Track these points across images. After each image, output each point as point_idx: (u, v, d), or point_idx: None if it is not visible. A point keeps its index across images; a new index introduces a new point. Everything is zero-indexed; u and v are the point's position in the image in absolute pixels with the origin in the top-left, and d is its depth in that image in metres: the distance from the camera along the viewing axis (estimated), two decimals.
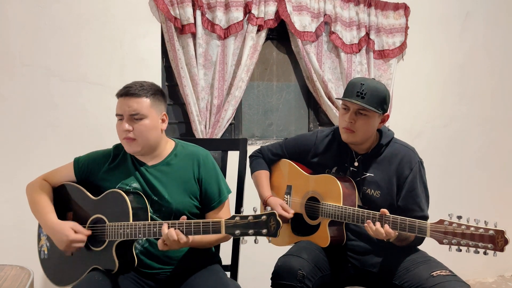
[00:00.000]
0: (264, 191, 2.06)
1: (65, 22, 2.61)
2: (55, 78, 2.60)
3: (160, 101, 1.74)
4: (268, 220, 1.47)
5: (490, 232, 1.47)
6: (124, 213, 1.62)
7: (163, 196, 1.72)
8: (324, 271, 1.81)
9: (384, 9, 3.17)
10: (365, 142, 1.90)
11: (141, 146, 1.70)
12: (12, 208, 2.48)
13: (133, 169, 1.76)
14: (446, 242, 1.53)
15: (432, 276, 1.66)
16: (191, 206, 1.76)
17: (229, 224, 1.50)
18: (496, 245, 1.46)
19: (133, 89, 1.68)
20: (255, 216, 1.48)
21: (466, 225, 1.51)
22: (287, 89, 3.24)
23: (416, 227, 1.60)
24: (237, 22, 2.80)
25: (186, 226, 1.55)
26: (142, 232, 1.60)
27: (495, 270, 3.64)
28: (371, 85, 1.81)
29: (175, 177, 1.75)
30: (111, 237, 1.64)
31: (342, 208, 1.80)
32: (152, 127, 1.69)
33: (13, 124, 2.54)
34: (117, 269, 1.63)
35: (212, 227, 1.53)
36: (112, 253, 1.63)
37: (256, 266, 2.39)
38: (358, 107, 1.80)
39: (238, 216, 1.50)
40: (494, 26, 3.52)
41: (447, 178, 3.40)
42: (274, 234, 1.47)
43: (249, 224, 1.48)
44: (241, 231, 1.49)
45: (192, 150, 1.82)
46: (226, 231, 1.51)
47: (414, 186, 1.84)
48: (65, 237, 1.62)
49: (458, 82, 3.48)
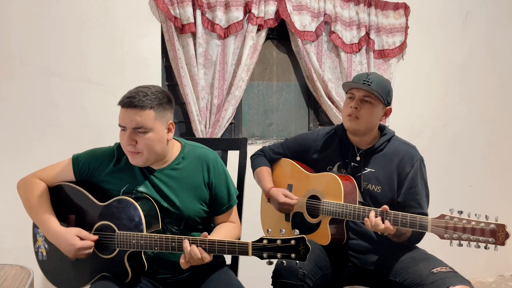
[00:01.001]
0: (266, 183, 2.06)
1: (65, 22, 2.61)
2: (55, 77, 2.60)
3: (165, 110, 1.62)
4: (297, 245, 1.42)
5: (491, 226, 1.47)
6: (137, 223, 1.57)
7: (174, 203, 1.66)
8: (325, 270, 1.81)
9: (384, 8, 3.17)
10: (367, 134, 1.91)
11: (146, 158, 1.61)
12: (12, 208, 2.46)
13: (139, 173, 1.68)
14: (447, 237, 1.54)
15: (433, 273, 1.66)
16: (201, 212, 1.71)
17: (257, 246, 1.45)
18: (497, 239, 1.46)
19: (136, 100, 1.54)
20: (283, 240, 1.43)
21: (467, 219, 1.51)
22: (287, 89, 3.24)
23: (417, 222, 1.61)
24: (237, 21, 2.80)
25: (210, 245, 1.50)
26: (158, 246, 1.54)
27: (495, 270, 3.64)
28: (376, 76, 1.88)
29: (185, 183, 1.69)
30: (122, 246, 1.58)
31: (343, 205, 1.80)
32: (157, 140, 1.59)
33: (13, 124, 2.54)
34: (131, 277, 1.60)
35: (239, 248, 1.47)
36: (124, 262, 1.59)
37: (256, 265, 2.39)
38: (363, 93, 1.85)
39: (266, 239, 1.44)
40: (495, 25, 3.52)
41: (447, 177, 3.40)
42: (303, 258, 1.42)
43: (278, 248, 1.43)
44: (269, 254, 1.44)
45: (200, 153, 1.74)
46: (253, 254, 1.46)
47: (415, 183, 1.85)
48: (71, 247, 1.56)
49: (458, 81, 3.48)
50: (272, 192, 2.00)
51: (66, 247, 1.58)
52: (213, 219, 1.79)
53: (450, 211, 1.56)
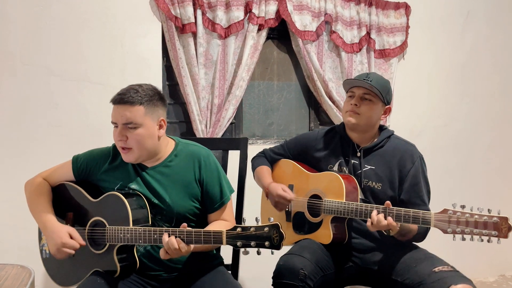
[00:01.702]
0: (265, 179, 2.06)
1: (65, 22, 2.61)
2: (56, 77, 2.60)
3: (156, 107, 1.66)
4: (270, 232, 1.41)
5: (494, 219, 1.48)
6: (124, 217, 1.60)
7: (165, 199, 1.69)
8: (326, 270, 1.81)
9: (385, 8, 3.17)
10: (367, 132, 1.93)
11: (138, 155, 1.65)
12: (12, 207, 2.47)
13: (132, 171, 1.72)
14: (450, 231, 1.54)
15: (434, 272, 1.66)
16: (192, 209, 1.73)
17: (231, 235, 1.46)
18: (500, 232, 1.47)
19: (127, 96, 1.60)
20: (257, 228, 1.43)
21: (469, 213, 1.52)
22: (288, 89, 3.24)
23: (420, 217, 1.62)
24: (237, 21, 2.80)
25: (187, 235, 1.52)
26: (142, 238, 1.57)
27: (496, 270, 3.63)
28: (376, 75, 1.92)
29: (176, 179, 1.71)
30: (111, 241, 1.62)
31: (344, 203, 1.81)
32: (147, 136, 1.63)
33: (13, 124, 2.54)
34: (119, 272, 1.62)
35: (214, 237, 1.49)
36: (113, 257, 1.62)
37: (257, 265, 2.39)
38: (364, 91, 1.88)
39: (240, 227, 1.46)
40: (496, 25, 3.52)
41: (448, 177, 3.40)
42: (277, 247, 1.41)
43: (251, 236, 1.43)
44: (243, 242, 1.44)
45: (192, 150, 1.76)
46: (227, 242, 1.47)
47: (417, 180, 1.86)
48: (58, 239, 1.59)
49: (459, 81, 3.47)
50: (271, 187, 1.99)
51: (52, 240, 1.62)
52: (207, 217, 1.79)
53: (453, 206, 1.56)
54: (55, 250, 1.62)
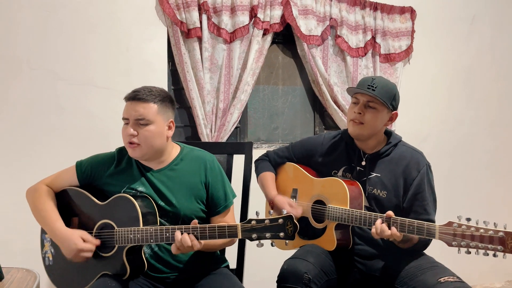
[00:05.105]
0: (270, 190, 2.05)
1: (72, 27, 2.63)
2: (62, 81, 2.62)
3: (168, 108, 1.72)
4: (285, 223, 1.47)
5: (499, 234, 1.45)
6: (134, 218, 1.61)
7: (171, 201, 1.71)
8: (330, 275, 1.80)
9: (390, 12, 3.17)
10: (372, 138, 1.90)
11: (145, 152, 1.68)
12: (18, 211, 2.47)
13: (138, 174, 1.74)
14: (455, 244, 1.51)
15: (440, 282, 1.63)
16: (198, 211, 1.75)
17: (246, 228, 1.50)
18: (506, 247, 1.44)
19: (141, 93, 1.66)
20: (271, 220, 1.48)
21: (475, 227, 1.49)
22: (293, 93, 3.24)
23: (424, 229, 1.59)
24: (243, 26, 2.81)
25: (201, 231, 1.55)
26: (154, 238, 1.59)
27: (503, 275, 3.60)
28: (382, 80, 1.86)
29: (182, 182, 1.74)
30: (120, 243, 1.62)
31: (349, 211, 1.79)
32: (157, 134, 1.67)
33: (19, 127, 2.56)
34: (129, 274, 1.62)
35: (228, 231, 1.53)
36: (122, 259, 1.62)
37: (261, 269, 2.39)
38: (368, 98, 1.83)
39: (255, 220, 1.50)
40: (501, 29, 3.51)
41: (454, 182, 3.38)
42: (291, 237, 1.47)
43: (266, 228, 1.48)
44: (258, 234, 1.48)
45: (198, 154, 1.80)
46: (243, 236, 1.50)
47: (421, 188, 1.83)
48: (73, 246, 1.60)
49: (464, 85, 3.46)
50: (277, 200, 1.96)
51: (68, 247, 1.62)
52: (210, 220, 1.81)
53: (458, 218, 1.53)
54: (72, 256, 1.63)
